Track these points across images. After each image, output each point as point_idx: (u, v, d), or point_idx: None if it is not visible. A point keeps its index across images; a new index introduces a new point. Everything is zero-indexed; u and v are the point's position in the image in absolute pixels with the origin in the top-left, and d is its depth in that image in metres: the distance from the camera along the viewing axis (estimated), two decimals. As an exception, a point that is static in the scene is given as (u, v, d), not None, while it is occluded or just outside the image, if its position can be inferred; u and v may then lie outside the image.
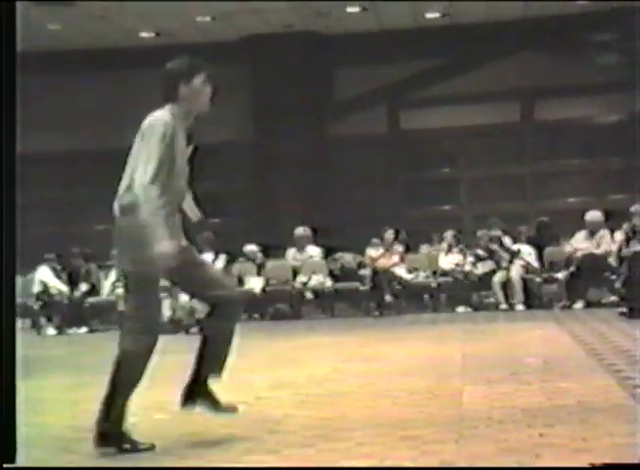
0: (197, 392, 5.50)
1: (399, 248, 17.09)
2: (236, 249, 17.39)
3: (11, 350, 3.61)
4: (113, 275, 16.89)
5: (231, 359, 10.28)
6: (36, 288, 16.68)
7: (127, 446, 5.07)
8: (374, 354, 9.84)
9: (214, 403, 5.46)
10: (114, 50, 19.80)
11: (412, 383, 7.28)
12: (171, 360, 10.57)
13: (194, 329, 14.43)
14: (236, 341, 13.73)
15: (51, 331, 16.39)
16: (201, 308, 14.81)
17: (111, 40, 19.44)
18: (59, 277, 16.95)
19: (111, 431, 5.09)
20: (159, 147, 5.12)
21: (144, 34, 19.54)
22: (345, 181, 20.07)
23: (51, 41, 19.33)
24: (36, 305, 16.59)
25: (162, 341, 14.46)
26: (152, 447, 5.08)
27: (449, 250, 16.88)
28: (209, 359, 5.63)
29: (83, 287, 17.00)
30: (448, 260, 16.71)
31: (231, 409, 5.52)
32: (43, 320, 16.65)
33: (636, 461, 3.36)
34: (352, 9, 18.59)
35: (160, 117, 5.26)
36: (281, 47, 19.68)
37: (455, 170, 20.92)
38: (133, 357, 5.30)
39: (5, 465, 3.44)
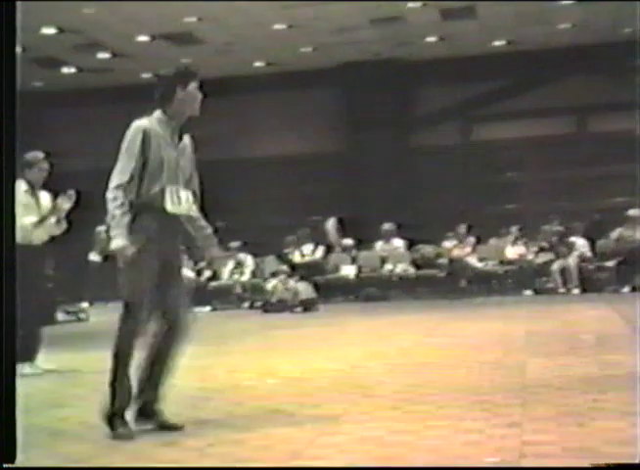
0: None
1: (471, 240, 17.01)
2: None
3: (11, 350, 3.28)
4: (230, 264, 17.10)
5: (330, 334, 10.35)
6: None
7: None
8: (451, 331, 9.77)
9: None
10: (231, 78, 19.96)
11: (483, 355, 7.21)
12: (279, 334, 10.69)
13: (298, 308, 14.54)
14: (335, 318, 13.81)
15: (181, 309, 16.61)
16: (303, 290, 14.96)
17: (229, 70, 19.60)
18: (186, 265, 17.20)
19: (114, 414, 4.65)
20: (127, 153, 4.75)
21: (257, 64, 19.67)
22: (425, 184, 19.94)
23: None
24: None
25: (271, 318, 14.62)
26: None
27: (514, 242, 16.76)
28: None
29: (207, 273, 17.21)
30: (513, 251, 16.62)
31: None
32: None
33: (636, 461, 3.27)
34: (431, 39, 18.47)
35: (133, 126, 4.82)
36: (371, 72, 19.62)
37: (519, 175, 20.63)
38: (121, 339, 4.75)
39: (5, 465, 3.19)
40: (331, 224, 17.79)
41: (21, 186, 7.76)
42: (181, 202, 4.87)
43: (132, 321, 4.73)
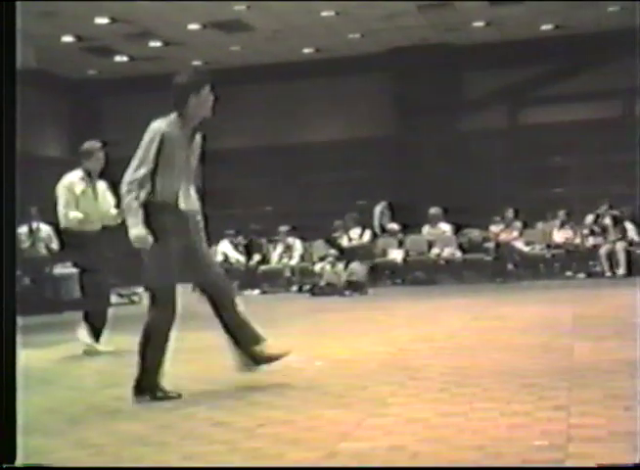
0: None
1: (518, 224, 16.89)
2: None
3: (11, 350, 3.20)
4: (279, 248, 17.18)
5: (378, 317, 10.35)
6: (218, 258, 17.02)
7: (160, 394, 5.10)
8: (497, 314, 9.72)
9: None
10: (280, 65, 20.01)
11: (530, 338, 7.15)
12: (329, 318, 10.71)
13: (347, 291, 14.56)
14: (382, 302, 13.79)
15: (230, 293, 16.70)
16: (359, 271, 14.98)
17: (278, 57, 19.64)
18: (237, 249, 17.27)
19: (144, 383, 5.13)
20: (144, 152, 5.09)
21: (306, 50, 19.67)
22: (472, 168, 19.82)
23: (232, 59, 19.69)
24: (219, 272, 16.92)
25: (320, 301, 14.62)
26: (179, 396, 5.10)
27: (562, 226, 16.62)
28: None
29: (256, 257, 17.29)
30: (561, 235, 16.48)
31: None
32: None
33: (636, 461, 3.22)
34: (478, 23, 18.32)
35: (153, 127, 5.17)
36: (419, 57, 19.55)
37: (566, 158, 20.42)
38: (156, 328, 5.18)
39: (5, 465, 3.17)
40: (377, 209, 17.77)
41: (77, 174, 7.86)
42: (191, 198, 5.30)
43: (161, 308, 5.15)
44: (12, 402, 3.13)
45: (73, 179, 7.83)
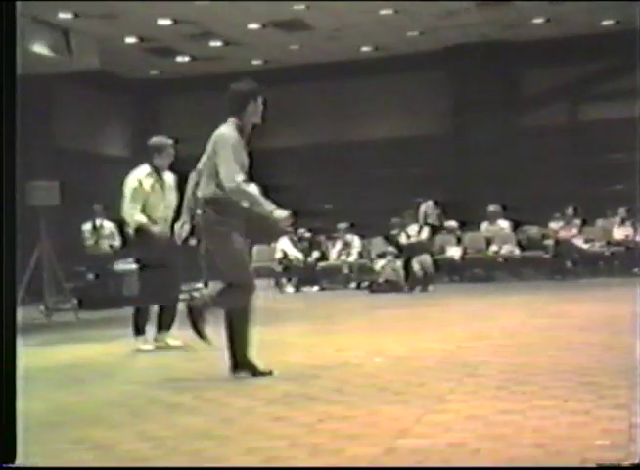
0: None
1: (578, 221, 16.67)
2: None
3: (11, 350, 3.14)
4: (338, 245, 17.19)
5: (435, 314, 10.30)
6: (278, 254, 17.09)
7: (254, 370, 5.60)
8: (556, 312, 9.59)
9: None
10: (339, 63, 20.00)
11: (589, 337, 7.04)
12: (387, 314, 10.68)
13: (406, 287, 14.54)
14: (440, 299, 13.67)
15: (290, 289, 16.78)
16: (427, 260, 14.96)
17: (337, 55, 19.63)
18: (296, 246, 17.32)
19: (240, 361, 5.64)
20: (232, 154, 5.50)
21: (365, 49, 19.63)
22: (532, 165, 19.60)
23: (291, 58, 19.74)
24: (278, 269, 17.01)
25: (380, 299, 14.55)
26: (270, 373, 5.60)
27: (622, 223, 16.37)
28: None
29: (315, 254, 17.32)
30: (621, 232, 16.24)
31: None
32: (284, 280, 17.07)
33: (636, 461, 3.13)
34: (538, 20, 18.10)
35: (228, 133, 5.59)
36: (478, 54, 19.39)
37: (627, 155, 20.04)
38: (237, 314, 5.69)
39: (5, 465, 3.11)
40: (422, 208, 17.71)
41: (145, 170, 7.90)
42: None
43: (243, 297, 5.64)
44: (12, 402, 3.11)
45: (141, 176, 7.87)
